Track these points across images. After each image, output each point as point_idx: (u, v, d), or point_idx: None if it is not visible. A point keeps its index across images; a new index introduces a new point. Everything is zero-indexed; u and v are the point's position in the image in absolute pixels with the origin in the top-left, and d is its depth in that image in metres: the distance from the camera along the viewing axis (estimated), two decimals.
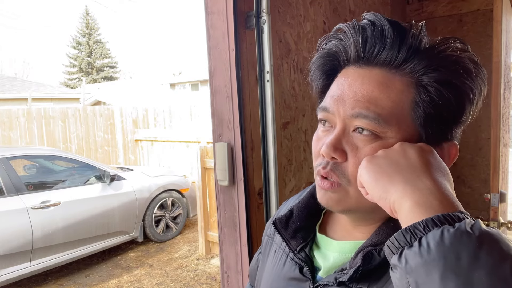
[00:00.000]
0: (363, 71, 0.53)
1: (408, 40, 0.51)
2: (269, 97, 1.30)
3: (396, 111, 0.50)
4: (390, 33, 0.50)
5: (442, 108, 0.50)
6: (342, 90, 0.53)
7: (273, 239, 0.73)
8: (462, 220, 0.38)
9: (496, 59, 1.75)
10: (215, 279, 4.01)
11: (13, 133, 7.35)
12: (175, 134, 7.61)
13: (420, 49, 0.51)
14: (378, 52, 0.52)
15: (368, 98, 0.51)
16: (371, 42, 0.52)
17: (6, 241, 3.58)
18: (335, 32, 0.57)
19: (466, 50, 0.52)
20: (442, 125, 0.52)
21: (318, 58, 0.59)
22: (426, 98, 0.50)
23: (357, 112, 0.51)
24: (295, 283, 0.62)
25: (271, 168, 1.33)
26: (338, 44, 0.55)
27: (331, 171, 0.53)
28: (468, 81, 0.50)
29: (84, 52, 34.59)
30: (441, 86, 0.50)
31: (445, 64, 0.50)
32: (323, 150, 0.53)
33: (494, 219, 1.72)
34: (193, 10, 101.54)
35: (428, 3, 2.38)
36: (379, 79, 0.51)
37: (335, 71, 0.58)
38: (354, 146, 0.52)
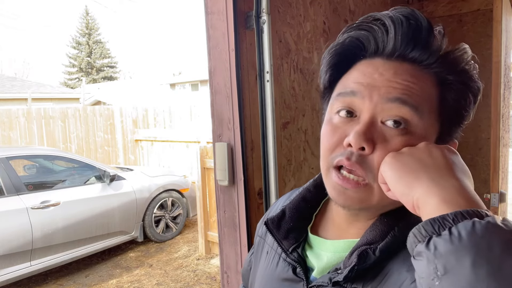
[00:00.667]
0: (394, 64, 0.52)
1: (438, 42, 0.52)
2: (269, 97, 1.30)
3: (429, 103, 0.51)
4: (427, 33, 0.51)
5: (463, 107, 0.53)
6: (372, 77, 0.51)
7: (264, 239, 0.73)
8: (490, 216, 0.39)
9: (496, 59, 1.75)
10: (215, 279, 4.01)
11: (13, 133, 7.35)
12: (175, 134, 7.60)
13: (444, 52, 0.53)
14: (413, 49, 0.51)
15: (405, 86, 0.50)
16: (407, 39, 0.51)
17: (6, 241, 3.58)
18: (365, 19, 0.54)
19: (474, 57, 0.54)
20: (459, 123, 0.54)
21: (339, 45, 0.55)
22: (453, 96, 0.52)
23: (395, 96, 0.49)
24: (288, 284, 0.62)
25: (271, 168, 1.33)
26: (368, 34, 0.53)
27: (357, 163, 0.50)
28: (478, 84, 0.53)
29: (84, 52, 34.59)
30: (464, 86, 0.52)
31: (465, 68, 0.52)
32: (352, 138, 0.49)
33: None
34: (193, 10, 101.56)
35: (428, 3, 2.38)
36: (411, 73, 0.51)
37: (351, 61, 0.55)
38: (382, 138, 0.49)
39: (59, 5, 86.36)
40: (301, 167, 1.57)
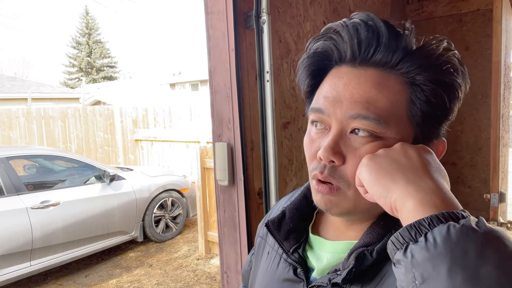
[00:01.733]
0: (358, 71, 0.52)
1: (402, 40, 0.51)
2: (269, 97, 1.30)
3: (394, 111, 0.50)
4: (386, 34, 0.50)
5: (437, 106, 0.51)
6: (337, 90, 0.52)
7: (265, 240, 0.73)
8: (465, 218, 0.38)
9: (495, 59, 1.75)
10: (215, 279, 4.01)
11: (13, 133, 7.34)
12: (175, 134, 7.60)
13: (412, 50, 0.51)
14: (374, 52, 0.51)
15: (366, 98, 0.50)
16: (366, 43, 0.51)
17: (5, 241, 3.58)
18: (325, 31, 0.55)
19: (452, 49, 0.52)
20: (436, 123, 0.53)
21: (306, 58, 0.57)
22: (422, 97, 0.51)
23: (356, 113, 0.50)
24: (289, 284, 0.62)
25: (271, 168, 1.33)
26: (330, 43, 0.54)
27: (329, 176, 0.52)
28: (458, 79, 0.51)
29: (84, 52, 34.58)
30: (435, 85, 0.50)
31: (437, 63, 0.51)
32: (321, 153, 0.51)
33: (494, 219, 1.72)
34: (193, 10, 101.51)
35: (428, 3, 2.38)
36: (375, 79, 0.51)
37: (324, 71, 0.56)
38: (352, 148, 0.51)
39: (59, 5, 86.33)
40: (302, 167, 1.57)
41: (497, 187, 1.73)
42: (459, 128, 2.36)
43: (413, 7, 2.44)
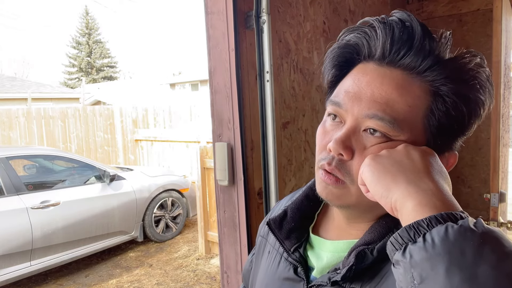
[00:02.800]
0: (383, 71, 0.52)
1: (435, 48, 0.50)
2: (269, 97, 1.30)
3: (411, 116, 0.50)
4: (420, 39, 0.50)
5: (455, 120, 0.51)
6: (360, 87, 0.52)
7: (266, 239, 0.74)
8: (464, 219, 0.39)
9: (496, 59, 1.75)
10: (215, 279, 4.01)
11: (13, 133, 7.34)
12: (175, 134, 7.60)
13: (443, 60, 0.51)
14: (404, 55, 0.51)
15: (386, 100, 0.50)
16: (399, 44, 0.51)
17: (5, 241, 3.58)
18: (361, 24, 0.55)
19: (483, 66, 0.51)
20: (451, 136, 0.53)
21: (336, 48, 0.57)
22: (443, 108, 0.50)
23: (373, 113, 0.50)
24: (289, 283, 0.62)
25: (271, 168, 1.33)
26: (363, 38, 0.54)
27: (336, 168, 0.53)
28: (482, 97, 0.51)
29: (84, 52, 34.58)
30: (457, 98, 0.50)
31: (465, 78, 0.50)
32: (331, 145, 0.52)
33: (494, 219, 1.72)
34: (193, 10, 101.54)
35: (428, 3, 2.38)
36: (399, 82, 0.50)
37: (351, 64, 0.56)
38: (362, 146, 0.51)
39: (59, 5, 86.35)
40: (302, 167, 1.57)
41: (497, 187, 1.73)
42: None
43: (413, 7, 2.44)
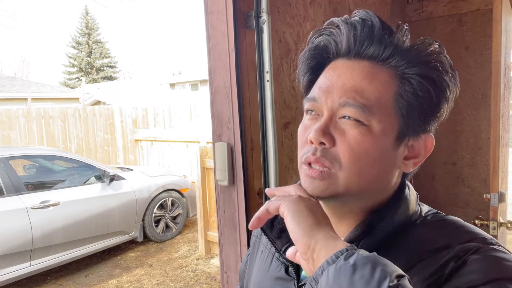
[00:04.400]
0: (352, 63, 0.56)
1: (394, 38, 0.55)
2: (269, 97, 1.30)
3: (381, 101, 0.54)
4: (379, 30, 0.55)
5: (423, 100, 0.54)
6: (331, 81, 0.56)
7: (260, 239, 0.75)
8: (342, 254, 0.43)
9: (495, 59, 1.75)
10: (215, 279, 4.01)
11: (13, 133, 7.34)
12: (174, 134, 7.60)
13: (403, 48, 0.55)
14: (367, 46, 0.55)
15: (355, 88, 0.54)
16: (361, 37, 0.55)
17: (5, 241, 3.58)
18: (327, 26, 0.59)
19: (443, 52, 0.56)
20: (422, 116, 0.55)
21: (307, 51, 0.61)
22: (410, 89, 0.54)
23: (344, 101, 0.54)
24: (281, 282, 0.63)
25: (271, 167, 1.33)
26: (330, 38, 0.58)
27: (322, 157, 0.54)
28: (446, 77, 0.55)
29: (83, 52, 34.57)
30: (422, 79, 0.54)
31: (425, 61, 0.54)
32: (312, 135, 0.54)
33: (494, 219, 1.72)
34: (193, 10, 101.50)
35: (428, 3, 2.38)
36: (367, 70, 0.55)
37: (322, 65, 0.60)
38: (341, 131, 0.54)
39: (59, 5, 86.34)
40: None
41: (497, 187, 1.73)
42: (459, 128, 2.36)
43: (413, 7, 2.44)
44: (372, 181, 0.56)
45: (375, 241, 0.54)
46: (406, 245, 0.54)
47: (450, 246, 0.50)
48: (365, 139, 0.53)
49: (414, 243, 0.54)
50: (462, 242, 0.50)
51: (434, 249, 0.51)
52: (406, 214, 0.58)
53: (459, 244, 0.50)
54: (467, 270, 0.47)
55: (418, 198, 0.62)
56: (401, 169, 0.58)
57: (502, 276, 0.45)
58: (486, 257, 0.48)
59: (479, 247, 0.49)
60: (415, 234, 0.56)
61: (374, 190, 0.57)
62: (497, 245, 0.50)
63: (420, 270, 0.50)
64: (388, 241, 0.55)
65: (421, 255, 0.51)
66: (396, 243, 0.55)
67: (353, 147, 0.53)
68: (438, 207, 0.62)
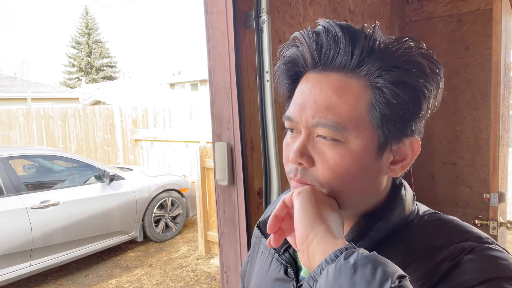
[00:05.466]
0: (321, 77, 0.54)
1: (360, 43, 0.51)
2: (268, 97, 1.30)
3: (354, 115, 0.52)
4: (342, 38, 0.51)
5: (398, 107, 0.51)
6: (303, 97, 0.55)
7: (260, 240, 0.75)
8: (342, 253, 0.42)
9: (495, 59, 1.75)
10: (215, 279, 4.01)
11: (13, 133, 7.34)
12: (174, 134, 7.60)
13: (374, 50, 0.52)
14: (333, 57, 0.53)
15: (326, 105, 0.52)
16: (325, 48, 0.53)
17: (5, 241, 3.58)
18: (292, 40, 0.58)
19: (419, 47, 0.52)
20: (399, 124, 0.53)
21: (281, 65, 0.60)
22: (382, 100, 0.51)
23: (316, 121, 0.52)
24: (280, 283, 0.63)
25: (273, 167, 1.33)
26: (296, 51, 0.56)
27: (302, 178, 0.55)
28: (421, 79, 0.51)
29: (83, 52, 34.56)
30: (395, 86, 0.51)
31: (398, 64, 0.51)
32: (290, 156, 0.54)
33: (494, 219, 1.72)
34: (193, 10, 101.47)
35: (427, 2, 2.38)
36: (336, 84, 0.52)
37: (298, 77, 0.59)
38: (320, 151, 0.53)
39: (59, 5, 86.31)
40: None
41: (497, 187, 1.73)
42: (459, 128, 2.36)
43: (413, 7, 2.44)
44: (358, 194, 0.55)
45: (372, 242, 0.55)
46: (402, 245, 0.54)
47: (445, 245, 0.50)
48: (345, 159, 0.52)
49: (410, 243, 0.54)
50: (457, 241, 0.50)
51: (430, 248, 0.51)
52: (402, 214, 0.57)
53: (454, 244, 0.50)
54: (463, 270, 0.46)
55: (415, 198, 0.62)
56: (389, 175, 0.57)
57: (498, 275, 0.45)
58: (482, 256, 0.47)
59: (474, 246, 0.49)
60: (412, 233, 0.56)
61: (363, 200, 0.57)
62: (493, 244, 0.50)
63: (414, 269, 0.49)
64: (384, 241, 0.55)
65: (416, 254, 0.51)
66: (392, 243, 0.55)
67: (333, 168, 0.52)
68: (438, 207, 0.62)
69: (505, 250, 0.50)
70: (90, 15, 34.76)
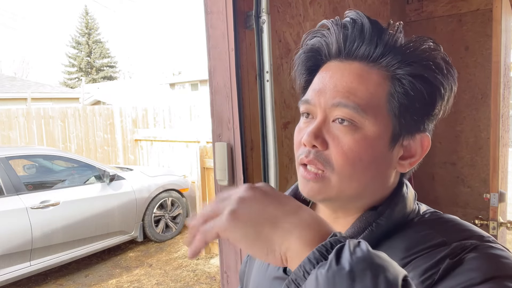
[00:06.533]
0: (343, 65, 0.56)
1: (384, 37, 0.54)
2: (268, 97, 1.30)
3: (373, 102, 0.53)
4: (369, 30, 0.54)
5: (415, 100, 0.54)
6: (324, 82, 0.56)
7: None
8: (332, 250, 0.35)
9: (495, 59, 1.75)
10: (215, 279, 4.01)
11: (13, 133, 7.34)
12: (174, 134, 7.60)
13: (395, 46, 0.55)
14: (357, 46, 0.55)
15: (348, 88, 0.54)
16: (351, 38, 0.55)
17: (5, 241, 3.58)
18: (319, 28, 0.60)
19: (438, 50, 0.55)
20: (415, 116, 0.55)
21: (302, 54, 0.62)
22: (401, 90, 0.53)
23: (337, 101, 0.53)
24: (279, 282, 0.63)
25: (271, 167, 1.33)
26: (321, 39, 0.59)
27: (314, 159, 0.55)
28: (439, 76, 0.53)
29: (83, 52, 34.58)
30: (414, 79, 0.53)
31: (418, 59, 0.53)
32: (304, 138, 0.55)
33: (494, 219, 1.72)
34: (193, 10, 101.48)
35: (427, 2, 2.38)
36: (358, 72, 0.54)
37: (317, 66, 0.60)
38: (334, 136, 0.54)
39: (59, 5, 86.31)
40: None
41: (497, 187, 1.73)
42: (459, 128, 2.36)
43: (413, 7, 2.44)
44: (367, 183, 0.56)
45: (373, 238, 0.54)
46: (403, 242, 0.54)
47: (446, 243, 0.50)
48: (359, 145, 0.53)
49: (411, 241, 0.54)
50: (459, 239, 0.50)
51: (431, 246, 0.51)
52: (403, 212, 0.57)
53: (456, 242, 0.50)
54: (465, 268, 0.46)
55: (416, 197, 0.62)
56: (398, 170, 0.58)
57: (501, 274, 0.44)
58: (484, 255, 0.47)
59: (477, 244, 0.49)
60: (412, 231, 0.55)
61: (370, 191, 0.57)
62: (494, 243, 0.50)
63: (415, 266, 0.49)
64: (385, 238, 0.55)
65: (417, 251, 0.51)
66: (393, 241, 0.55)
67: (347, 153, 0.53)
68: (438, 207, 0.62)
69: (507, 249, 0.50)
70: (90, 15, 34.78)
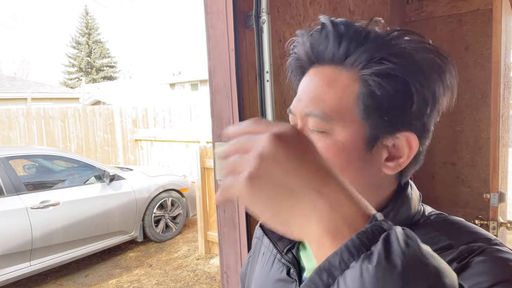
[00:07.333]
0: (317, 70, 0.56)
1: (348, 35, 0.52)
2: (268, 97, 1.30)
3: (341, 106, 0.52)
4: (331, 31, 0.53)
5: (382, 99, 0.50)
6: (302, 90, 0.57)
7: (261, 241, 0.74)
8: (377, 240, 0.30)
9: (495, 59, 1.75)
10: (215, 279, 4.01)
11: (13, 133, 7.34)
12: (174, 134, 7.61)
13: (365, 42, 0.52)
14: (324, 50, 0.55)
15: (317, 95, 0.54)
16: (317, 42, 0.55)
17: (5, 241, 3.58)
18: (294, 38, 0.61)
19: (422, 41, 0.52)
20: (385, 116, 0.51)
21: (292, 61, 0.62)
22: (366, 91, 0.51)
23: (309, 111, 0.54)
24: (282, 284, 0.62)
25: None
26: (299, 48, 0.59)
27: None
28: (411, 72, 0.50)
29: (83, 52, 34.58)
30: (380, 78, 0.50)
31: (386, 56, 0.50)
32: None
33: (494, 219, 1.72)
34: (193, 10, 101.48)
35: (427, 2, 2.38)
36: (328, 75, 0.54)
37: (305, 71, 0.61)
38: None
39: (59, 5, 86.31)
40: None
41: (497, 187, 1.73)
42: (459, 128, 2.36)
43: (413, 7, 2.44)
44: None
45: None
46: None
47: (453, 246, 0.49)
48: (331, 150, 0.52)
49: None
50: (465, 242, 0.49)
51: (437, 249, 0.49)
52: (408, 213, 0.57)
53: (463, 245, 0.49)
54: (473, 272, 0.45)
55: (421, 198, 0.61)
56: (385, 171, 0.55)
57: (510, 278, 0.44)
58: (492, 258, 0.46)
59: (484, 248, 0.48)
60: (418, 234, 0.54)
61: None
62: (502, 246, 0.49)
63: None
64: None
65: None
66: None
67: None
68: (438, 207, 0.62)
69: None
70: (90, 15, 34.78)
